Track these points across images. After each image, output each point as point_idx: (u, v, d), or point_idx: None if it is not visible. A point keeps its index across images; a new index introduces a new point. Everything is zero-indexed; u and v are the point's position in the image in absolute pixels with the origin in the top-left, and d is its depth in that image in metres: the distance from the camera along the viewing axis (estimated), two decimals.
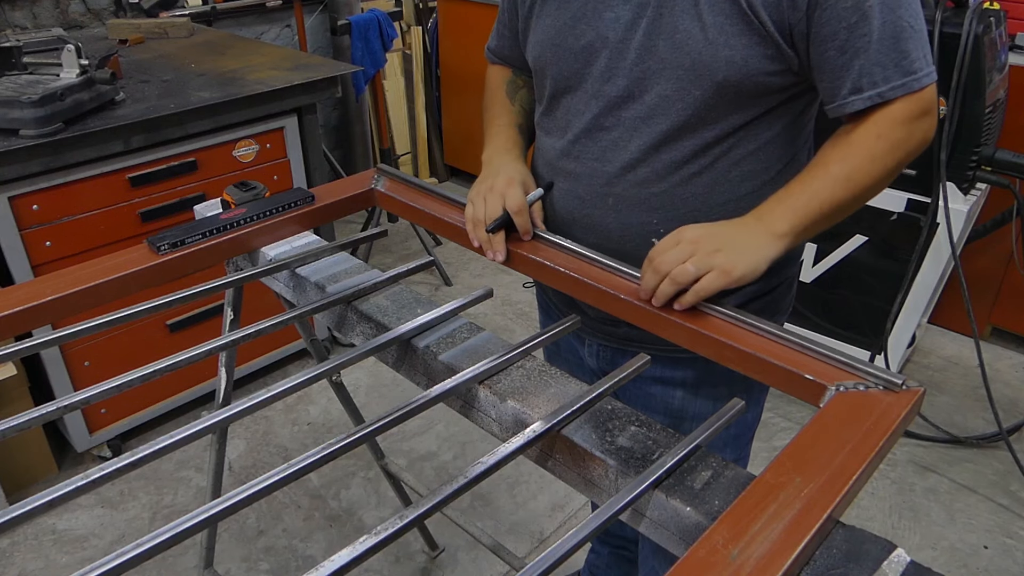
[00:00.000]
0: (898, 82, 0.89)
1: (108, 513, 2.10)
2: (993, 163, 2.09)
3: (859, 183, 0.92)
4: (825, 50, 0.90)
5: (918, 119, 0.92)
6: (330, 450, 0.74)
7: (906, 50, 0.89)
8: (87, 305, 0.98)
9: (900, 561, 0.63)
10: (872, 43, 0.88)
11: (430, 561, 1.99)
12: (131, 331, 2.14)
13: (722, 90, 0.93)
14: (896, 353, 2.43)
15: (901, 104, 0.91)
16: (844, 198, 0.92)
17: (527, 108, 1.21)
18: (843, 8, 0.87)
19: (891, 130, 0.91)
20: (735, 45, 0.90)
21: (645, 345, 1.09)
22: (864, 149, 0.91)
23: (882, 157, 0.92)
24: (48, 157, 1.79)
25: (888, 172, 0.93)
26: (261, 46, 2.60)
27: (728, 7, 0.89)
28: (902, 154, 0.93)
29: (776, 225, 0.90)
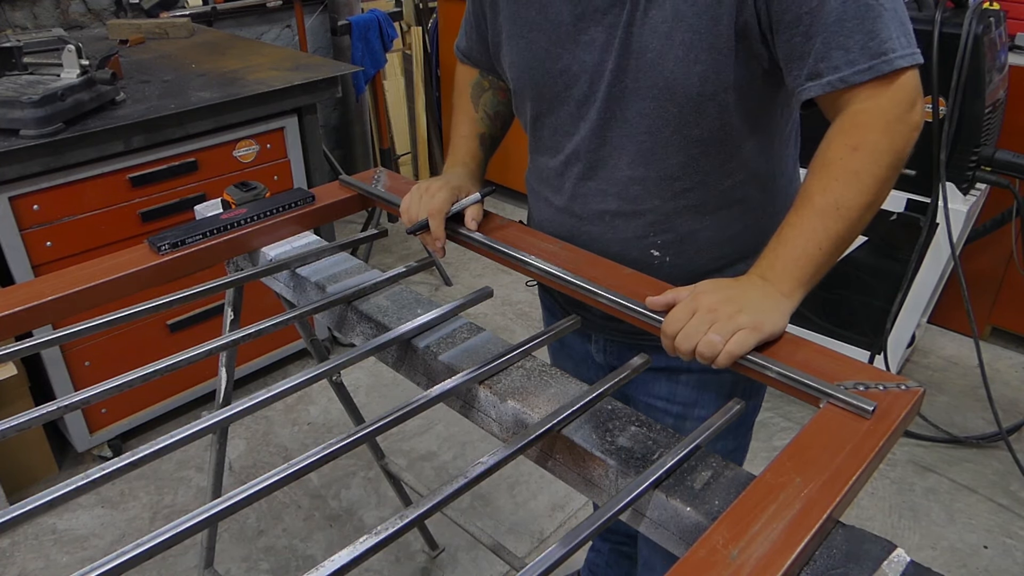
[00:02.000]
0: (863, 65, 0.82)
1: (108, 513, 2.10)
2: (993, 163, 2.09)
3: (851, 207, 0.85)
4: (790, 38, 0.85)
5: (897, 115, 0.84)
6: (330, 450, 0.74)
7: (875, 30, 0.81)
8: (87, 305, 0.98)
9: (900, 561, 0.63)
10: (833, 25, 0.82)
11: (430, 561, 1.99)
12: (131, 331, 2.14)
13: (700, 103, 0.92)
14: (896, 353, 2.43)
15: (870, 95, 0.83)
16: (840, 229, 0.85)
17: (491, 113, 1.21)
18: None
19: (866, 136, 0.84)
20: (705, 60, 0.88)
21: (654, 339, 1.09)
22: (842, 168, 0.84)
23: (867, 170, 0.84)
24: (48, 157, 1.79)
25: (881, 181, 0.85)
26: (261, 46, 2.60)
27: (695, 22, 0.87)
28: (889, 158, 0.85)
29: (783, 285, 0.85)
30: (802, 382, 0.79)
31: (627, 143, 0.98)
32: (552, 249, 1.06)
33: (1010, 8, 2.21)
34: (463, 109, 1.23)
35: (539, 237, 1.10)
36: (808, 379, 0.79)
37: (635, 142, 0.98)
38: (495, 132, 1.22)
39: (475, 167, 1.18)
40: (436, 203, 1.06)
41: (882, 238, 2.25)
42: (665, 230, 1.02)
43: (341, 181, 1.26)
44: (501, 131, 1.24)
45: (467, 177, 1.15)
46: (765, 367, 0.81)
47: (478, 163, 1.19)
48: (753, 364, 0.82)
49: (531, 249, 1.05)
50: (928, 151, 2.04)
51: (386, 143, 3.57)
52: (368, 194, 1.22)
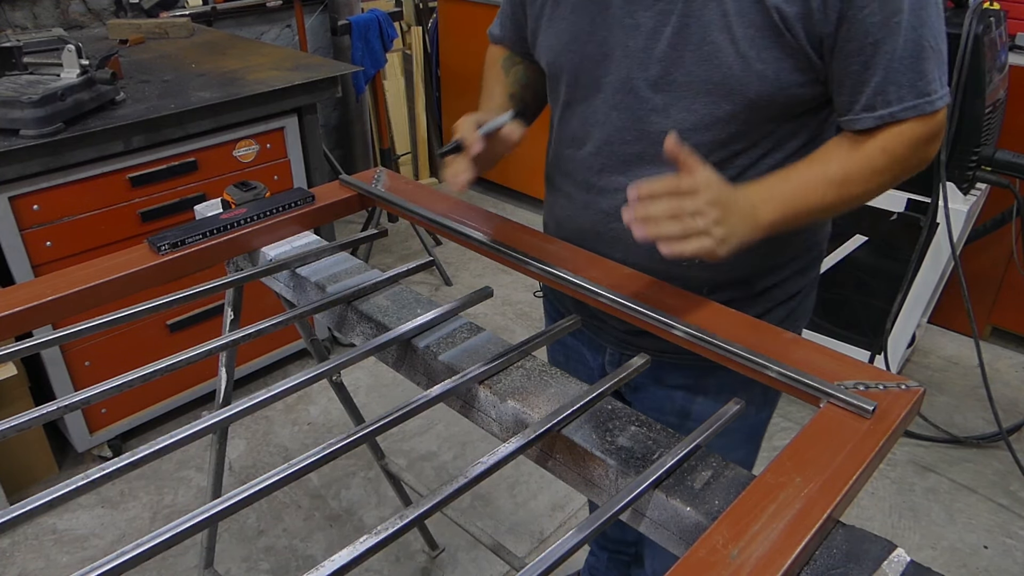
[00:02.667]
0: (911, 103, 0.88)
1: (108, 513, 2.10)
2: (993, 163, 2.09)
3: (852, 191, 0.91)
4: (848, 64, 0.87)
5: (925, 142, 0.91)
6: (330, 450, 0.74)
7: (924, 70, 0.87)
8: (87, 305, 0.98)
9: (900, 561, 0.63)
10: (894, 61, 0.86)
11: (430, 561, 1.99)
12: (131, 331, 2.14)
13: (754, 105, 0.90)
14: (896, 353, 2.43)
15: (911, 124, 0.89)
16: (833, 202, 0.91)
17: (522, 81, 1.17)
18: (871, 24, 0.84)
19: (897, 146, 0.90)
20: (767, 59, 0.87)
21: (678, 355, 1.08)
22: (866, 159, 0.90)
23: (882, 170, 0.91)
24: (48, 157, 1.79)
25: (883, 185, 0.93)
26: (261, 46, 2.60)
27: (759, 20, 0.86)
28: (900, 170, 0.92)
29: (764, 216, 0.88)
30: (802, 382, 0.79)
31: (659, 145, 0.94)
32: (552, 249, 1.06)
33: (1010, 8, 2.21)
34: (493, 76, 1.19)
35: (539, 237, 1.10)
36: (808, 379, 0.79)
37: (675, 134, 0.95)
38: (526, 98, 1.18)
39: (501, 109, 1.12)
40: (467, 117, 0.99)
41: (882, 238, 2.25)
42: None
43: (341, 181, 1.26)
44: (532, 101, 1.19)
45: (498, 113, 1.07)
46: (765, 367, 0.81)
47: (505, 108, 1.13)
48: (753, 364, 0.82)
49: (531, 249, 1.05)
50: None
51: (386, 143, 3.57)
52: (368, 194, 1.22)
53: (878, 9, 0.83)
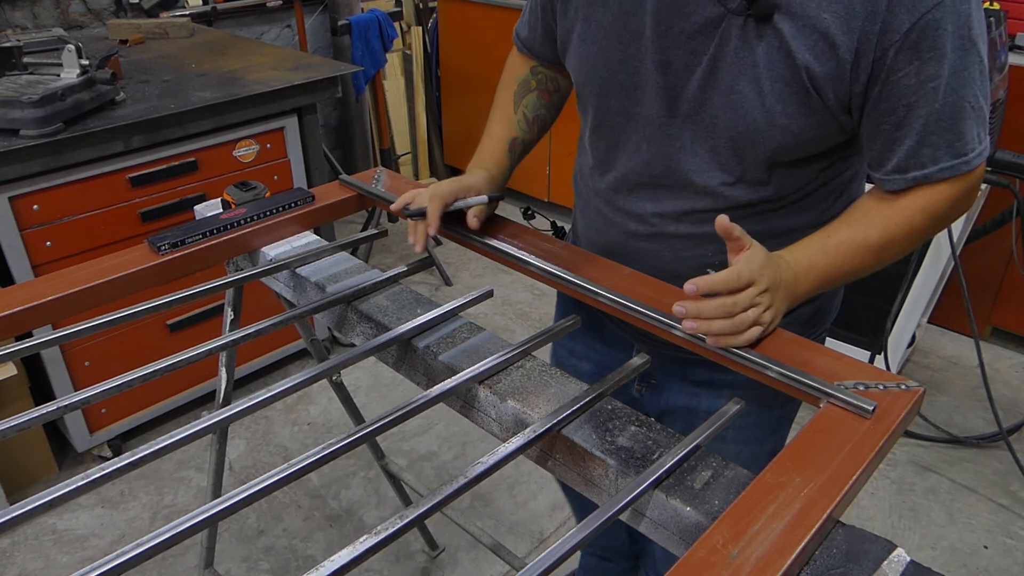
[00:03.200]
0: (947, 163, 0.85)
1: (108, 513, 2.10)
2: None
3: (890, 253, 0.91)
4: (880, 123, 0.85)
5: (964, 197, 0.90)
6: (330, 450, 0.74)
7: (961, 131, 0.84)
8: (87, 305, 0.98)
9: (900, 561, 0.63)
10: (928, 125, 0.83)
11: (430, 561, 1.99)
12: (131, 331, 2.14)
13: (775, 155, 0.90)
14: (896, 353, 2.43)
15: (948, 184, 0.87)
16: (870, 265, 0.91)
17: (530, 116, 1.16)
18: (905, 87, 0.81)
19: (936, 205, 0.89)
20: (792, 115, 0.86)
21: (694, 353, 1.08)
22: (907, 221, 0.89)
23: (921, 231, 0.90)
24: (48, 157, 1.79)
25: (920, 241, 0.92)
26: (261, 46, 2.60)
27: (788, 75, 0.84)
28: (938, 227, 0.92)
29: (803, 287, 0.89)
30: (802, 382, 0.79)
31: (694, 176, 0.95)
32: (552, 249, 1.06)
33: (1010, 8, 2.21)
34: (501, 107, 1.17)
35: (539, 237, 1.10)
36: (808, 379, 0.79)
37: (701, 176, 0.95)
38: (529, 137, 1.17)
39: (497, 173, 1.12)
40: (440, 189, 1.01)
41: None
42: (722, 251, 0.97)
43: (341, 181, 1.26)
44: (537, 136, 1.19)
45: (485, 180, 1.08)
46: (765, 367, 0.81)
47: (501, 169, 1.13)
48: (753, 364, 0.82)
49: (531, 249, 1.05)
50: None
51: (386, 143, 3.57)
52: (368, 194, 1.22)
53: (915, 72, 0.80)
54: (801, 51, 0.82)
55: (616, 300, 0.93)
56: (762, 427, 1.14)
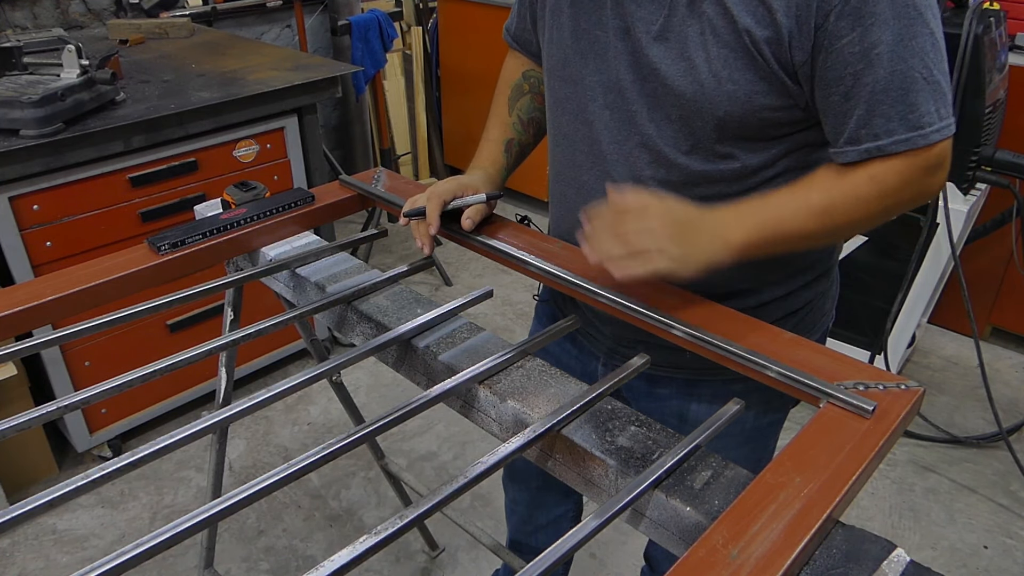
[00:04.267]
0: (901, 136, 0.83)
1: (108, 513, 2.10)
2: (993, 163, 2.09)
3: (835, 220, 0.87)
4: (829, 95, 0.85)
5: (922, 174, 0.87)
6: (330, 450, 0.74)
7: (915, 103, 0.82)
8: (87, 305, 0.98)
9: (900, 561, 0.63)
10: (876, 93, 0.82)
11: (430, 561, 1.99)
12: (131, 331, 2.14)
13: (724, 125, 0.89)
14: (896, 353, 2.43)
15: (904, 158, 0.85)
16: (814, 230, 0.87)
17: (525, 119, 1.18)
18: (849, 54, 0.81)
19: (885, 176, 0.86)
20: (739, 80, 0.86)
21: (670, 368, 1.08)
22: (852, 187, 0.86)
23: (868, 200, 0.86)
24: (48, 157, 1.79)
25: (872, 216, 0.89)
26: (261, 46, 2.60)
27: (732, 40, 0.84)
28: (892, 202, 0.88)
29: (734, 237, 0.86)
30: (802, 382, 0.79)
31: (646, 148, 0.96)
32: (552, 249, 1.06)
33: (1010, 8, 2.21)
34: (497, 112, 1.19)
35: (539, 237, 1.10)
36: (808, 379, 0.79)
37: (654, 149, 0.95)
38: (525, 139, 1.18)
39: (495, 172, 1.14)
40: (438, 188, 1.03)
41: (882, 238, 2.25)
42: None
43: (341, 181, 1.26)
44: (533, 139, 1.20)
45: (483, 180, 1.11)
46: (765, 367, 0.81)
47: (498, 169, 1.15)
48: (753, 364, 0.82)
49: (531, 249, 1.05)
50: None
51: (386, 143, 3.57)
52: (368, 194, 1.22)
53: (857, 40, 0.80)
54: (742, 15, 0.83)
55: (616, 300, 0.93)
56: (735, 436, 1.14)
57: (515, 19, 1.18)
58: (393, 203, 1.18)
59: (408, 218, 1.04)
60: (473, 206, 1.06)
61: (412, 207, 1.04)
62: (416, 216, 1.03)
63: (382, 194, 1.21)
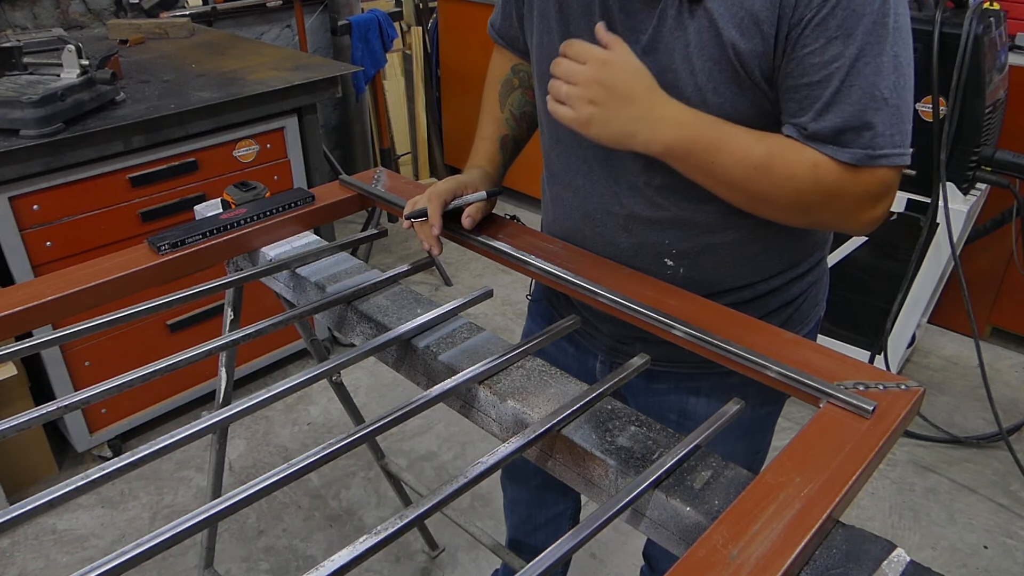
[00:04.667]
0: (849, 151, 0.82)
1: (108, 513, 2.10)
2: (993, 163, 2.09)
3: (763, 183, 0.85)
4: (787, 100, 0.85)
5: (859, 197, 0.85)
6: (330, 450, 0.74)
7: (870, 122, 0.81)
8: (87, 305, 0.98)
9: (900, 561, 0.63)
10: (831, 105, 0.81)
11: (430, 561, 1.99)
12: (131, 331, 2.14)
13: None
14: (896, 353, 2.43)
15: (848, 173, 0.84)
16: (739, 179, 0.85)
17: (517, 114, 1.18)
18: (810, 64, 0.81)
19: (826, 172, 0.84)
20: (723, 93, 0.86)
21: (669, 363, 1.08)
22: (793, 162, 0.84)
23: (800, 183, 0.85)
24: (48, 157, 1.79)
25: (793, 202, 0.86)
26: (261, 46, 2.60)
27: (717, 54, 0.84)
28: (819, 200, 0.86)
29: (664, 134, 0.84)
30: (802, 382, 0.79)
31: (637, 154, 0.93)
32: (552, 249, 1.06)
33: (1010, 8, 2.21)
34: (488, 109, 1.20)
35: (539, 237, 1.10)
36: (808, 379, 0.79)
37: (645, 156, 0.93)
38: (519, 134, 1.19)
39: (492, 170, 1.15)
40: (438, 188, 1.04)
41: (882, 238, 2.26)
42: (682, 239, 0.99)
43: (341, 181, 1.26)
44: (527, 132, 1.20)
45: (481, 178, 1.11)
46: (765, 367, 0.81)
47: (495, 166, 1.15)
48: (753, 364, 0.82)
49: (531, 249, 1.05)
50: (928, 151, 2.04)
51: (386, 143, 3.57)
52: (368, 194, 1.22)
53: (820, 51, 0.80)
54: (728, 28, 0.83)
55: (616, 300, 0.93)
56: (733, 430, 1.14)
57: (499, 15, 1.18)
58: (393, 203, 1.18)
59: (410, 220, 1.04)
60: (474, 204, 1.07)
61: (413, 209, 1.04)
62: (418, 218, 1.03)
63: (382, 194, 1.21)
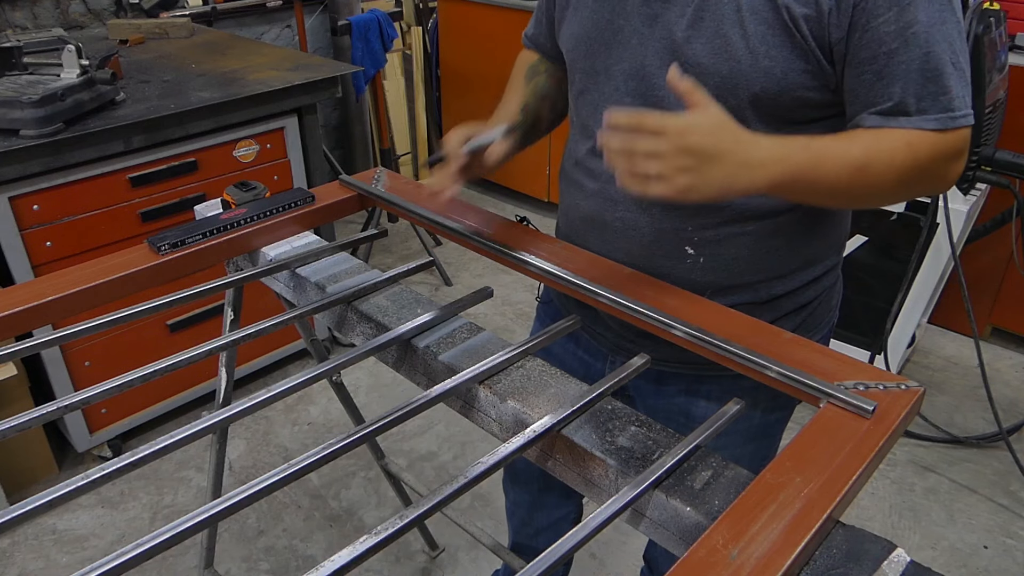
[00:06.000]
0: (932, 116, 0.84)
1: (108, 513, 2.10)
2: (993, 163, 2.09)
3: (868, 179, 0.86)
4: (861, 73, 0.85)
5: (947, 159, 0.88)
6: (330, 450, 0.74)
7: (947, 86, 0.83)
8: (87, 305, 0.98)
9: (900, 561, 0.63)
10: (912, 72, 0.83)
11: (430, 561, 1.99)
12: (131, 331, 2.14)
13: (758, 102, 0.89)
14: (896, 353, 2.43)
15: (931, 139, 0.85)
16: (845, 185, 0.86)
17: (541, 92, 1.18)
18: (885, 33, 0.82)
19: (920, 146, 0.86)
20: (775, 56, 0.86)
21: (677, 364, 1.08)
22: (889, 150, 0.86)
23: (900, 167, 0.86)
24: (48, 157, 1.79)
25: (899, 186, 0.88)
26: (261, 46, 2.60)
27: (771, 17, 0.85)
28: (918, 178, 0.88)
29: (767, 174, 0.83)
30: (802, 382, 0.79)
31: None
32: (552, 249, 1.06)
33: (1010, 8, 2.21)
34: (514, 86, 1.20)
35: (539, 237, 1.10)
36: (808, 379, 0.79)
37: None
38: (541, 110, 1.18)
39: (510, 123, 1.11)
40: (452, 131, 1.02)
41: (882, 238, 2.26)
42: (704, 226, 0.98)
43: (341, 181, 1.26)
44: (548, 113, 1.20)
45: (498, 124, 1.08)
46: (765, 367, 0.81)
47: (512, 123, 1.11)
48: (753, 364, 0.82)
49: (531, 249, 1.05)
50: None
51: (386, 143, 3.57)
52: (368, 194, 1.22)
53: (893, 19, 0.81)
54: None
55: (616, 300, 0.93)
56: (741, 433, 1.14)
57: (533, 25, 1.20)
58: (393, 203, 1.18)
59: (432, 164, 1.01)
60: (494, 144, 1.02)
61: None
62: (439, 161, 1.00)
63: (382, 194, 1.21)
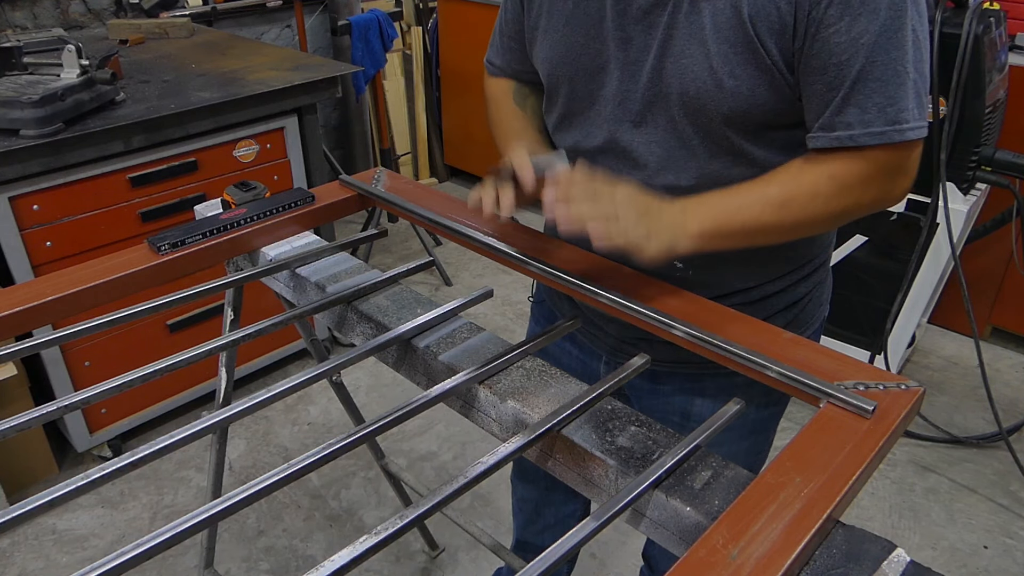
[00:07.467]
0: (877, 129, 0.83)
1: (108, 513, 2.10)
2: (993, 163, 2.09)
3: (792, 214, 0.87)
4: (813, 83, 0.85)
5: (888, 175, 0.87)
6: (330, 450, 0.74)
7: (895, 96, 0.82)
8: (87, 305, 0.98)
9: (900, 561, 0.63)
10: (858, 83, 0.82)
11: (430, 561, 1.99)
12: (131, 331, 2.14)
13: (729, 121, 0.89)
14: (896, 353, 2.43)
15: (874, 153, 0.85)
16: (771, 223, 0.88)
17: (539, 113, 1.16)
18: (836, 43, 0.81)
19: (847, 175, 0.86)
20: (740, 76, 0.86)
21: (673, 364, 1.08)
22: (810, 184, 0.87)
23: (826, 197, 0.87)
24: (48, 157, 1.79)
25: (831, 215, 0.88)
26: (261, 46, 2.60)
27: (733, 35, 0.84)
28: (850, 201, 0.88)
29: (691, 225, 0.86)
30: (802, 382, 0.79)
31: (655, 147, 0.95)
32: (552, 249, 1.06)
33: (1010, 8, 2.22)
34: (509, 113, 1.16)
35: (539, 237, 1.10)
36: (808, 379, 0.79)
37: (664, 147, 0.95)
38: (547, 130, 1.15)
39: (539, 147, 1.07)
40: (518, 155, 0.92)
41: (882, 238, 2.25)
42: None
43: (341, 181, 1.26)
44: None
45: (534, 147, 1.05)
46: (765, 367, 0.81)
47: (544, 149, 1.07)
48: (753, 364, 0.82)
49: (531, 249, 1.05)
50: (928, 151, 2.04)
51: (386, 143, 3.57)
52: (368, 194, 1.22)
53: (845, 28, 0.80)
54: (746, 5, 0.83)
55: (616, 300, 0.92)
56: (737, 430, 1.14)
57: (498, 54, 1.16)
58: (393, 203, 1.18)
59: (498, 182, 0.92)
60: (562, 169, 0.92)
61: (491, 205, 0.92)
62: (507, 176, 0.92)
63: (382, 194, 1.21)
